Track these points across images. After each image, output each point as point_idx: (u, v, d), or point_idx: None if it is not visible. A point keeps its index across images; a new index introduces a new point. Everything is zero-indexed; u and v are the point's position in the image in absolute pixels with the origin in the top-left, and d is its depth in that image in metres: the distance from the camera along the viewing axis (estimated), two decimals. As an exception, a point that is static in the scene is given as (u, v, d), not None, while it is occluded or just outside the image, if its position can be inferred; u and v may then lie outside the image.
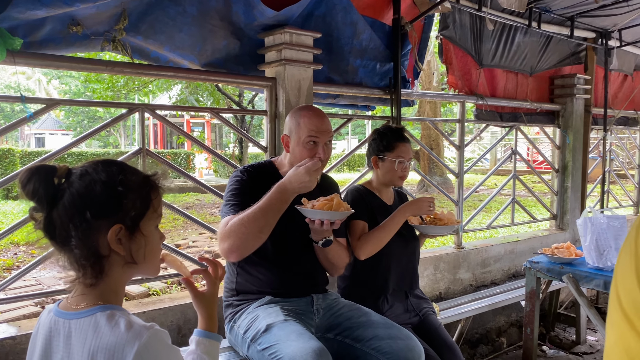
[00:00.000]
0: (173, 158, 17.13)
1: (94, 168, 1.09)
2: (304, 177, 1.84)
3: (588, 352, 3.77)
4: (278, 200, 1.87)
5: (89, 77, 11.33)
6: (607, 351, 0.94)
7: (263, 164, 2.23)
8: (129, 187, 1.09)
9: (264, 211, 1.85)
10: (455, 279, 3.79)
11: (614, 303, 0.87)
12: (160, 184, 1.18)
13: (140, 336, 1.00)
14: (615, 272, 0.95)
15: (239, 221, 1.87)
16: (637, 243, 0.88)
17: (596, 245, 2.75)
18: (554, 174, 4.79)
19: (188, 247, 6.55)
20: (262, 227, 1.86)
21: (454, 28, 3.62)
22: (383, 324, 2.08)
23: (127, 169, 1.13)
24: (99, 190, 1.06)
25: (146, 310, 2.38)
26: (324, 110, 2.25)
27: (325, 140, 2.09)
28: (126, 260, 1.10)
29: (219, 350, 2.21)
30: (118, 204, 1.07)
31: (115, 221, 1.07)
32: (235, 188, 2.05)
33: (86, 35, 2.25)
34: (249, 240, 1.87)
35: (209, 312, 1.31)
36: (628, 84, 5.46)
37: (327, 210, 1.89)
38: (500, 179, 14.46)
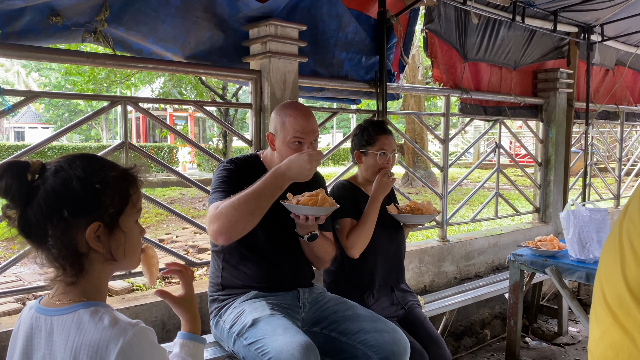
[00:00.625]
0: (156, 152, 16.98)
1: (69, 163, 1.05)
2: (306, 165, 1.82)
3: (570, 343, 3.82)
4: (273, 185, 1.84)
5: (69, 69, 11.14)
6: (592, 346, 0.93)
7: (249, 157, 2.21)
8: (107, 183, 1.06)
9: (257, 194, 1.82)
10: (439, 272, 3.81)
11: (599, 298, 0.90)
12: (139, 177, 1.14)
13: (125, 333, 0.98)
14: (599, 267, 0.94)
15: (230, 204, 1.84)
16: (620, 239, 0.87)
17: (579, 238, 2.79)
18: (537, 167, 4.84)
19: (172, 242, 6.49)
20: (254, 210, 1.82)
21: (439, 21, 3.62)
22: (369, 317, 2.09)
23: (105, 164, 1.09)
24: (75, 186, 1.02)
25: (130, 306, 2.35)
26: (308, 103, 2.23)
27: (311, 140, 2.08)
28: (106, 258, 1.08)
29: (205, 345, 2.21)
30: (96, 201, 1.04)
31: (93, 219, 1.03)
32: (224, 176, 2.04)
33: (66, 26, 2.20)
34: (239, 222, 1.83)
35: (191, 314, 1.29)
36: (609, 79, 5.53)
37: (312, 205, 1.87)
38: (482, 172, 14.61)
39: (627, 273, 0.83)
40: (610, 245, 0.91)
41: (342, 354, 2.08)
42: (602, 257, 0.94)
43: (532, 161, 4.90)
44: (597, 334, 0.92)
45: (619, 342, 0.86)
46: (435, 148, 20.92)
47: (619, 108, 5.73)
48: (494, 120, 4.39)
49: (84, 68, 10.69)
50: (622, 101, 5.82)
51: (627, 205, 0.89)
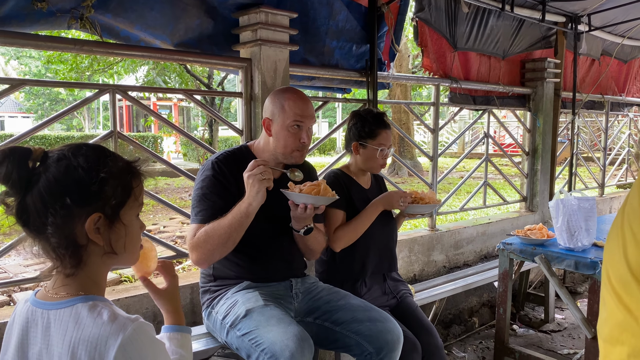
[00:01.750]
0: (140, 141, 16.73)
1: (72, 152, 1.02)
2: (252, 190, 1.80)
3: (556, 330, 3.88)
4: (243, 216, 1.85)
5: (50, 57, 10.91)
6: (600, 326, 0.99)
7: (237, 150, 2.15)
8: (112, 173, 1.03)
9: (228, 228, 1.86)
10: (429, 260, 3.83)
11: (605, 281, 0.96)
12: (142, 171, 1.12)
13: (125, 328, 0.96)
14: (604, 253, 1.00)
15: (204, 236, 1.88)
16: (622, 224, 0.93)
17: (567, 227, 2.81)
18: (524, 156, 4.87)
19: (159, 233, 6.44)
20: (226, 242, 1.88)
21: (429, 10, 3.60)
22: (362, 307, 2.09)
23: (109, 154, 1.07)
24: (78, 176, 1.00)
25: (120, 297, 2.33)
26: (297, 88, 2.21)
27: (310, 124, 2.07)
28: (105, 251, 1.05)
29: (198, 337, 2.20)
30: (98, 192, 1.01)
31: (94, 209, 1.01)
32: (203, 194, 1.98)
33: (51, 12, 2.14)
34: (214, 254, 1.91)
35: (173, 307, 1.28)
36: (595, 69, 5.57)
37: (314, 195, 1.87)
38: (468, 162, 14.69)
39: (628, 256, 0.89)
40: (613, 231, 0.98)
41: (336, 344, 2.08)
42: (607, 243, 1.00)
43: (517, 150, 4.93)
44: (604, 315, 0.98)
45: (623, 321, 0.93)
46: (421, 138, 21.00)
47: (605, 98, 5.79)
48: (482, 110, 4.40)
49: (66, 56, 10.49)
50: (607, 91, 5.87)
51: (630, 192, 0.95)
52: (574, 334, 3.81)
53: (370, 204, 2.40)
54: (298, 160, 2.10)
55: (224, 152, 2.11)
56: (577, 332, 3.82)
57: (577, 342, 3.68)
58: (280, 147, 2.05)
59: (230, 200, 1.95)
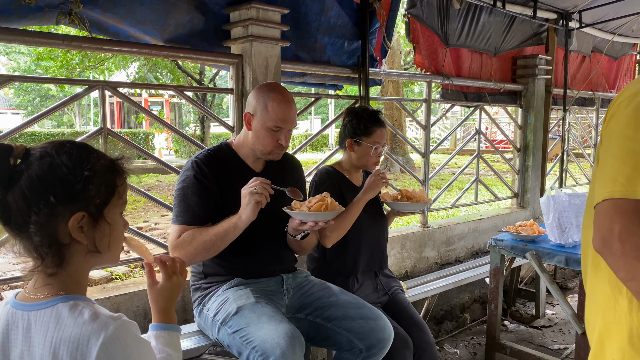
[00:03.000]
0: (131, 138, 16.69)
1: (55, 149, 1.01)
2: (245, 200, 1.83)
3: (547, 326, 3.91)
4: (231, 227, 1.87)
5: (40, 54, 10.79)
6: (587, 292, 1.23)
7: (218, 148, 2.15)
8: (96, 171, 1.02)
9: (214, 236, 1.89)
10: (421, 257, 3.84)
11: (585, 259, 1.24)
12: (125, 168, 1.11)
13: (107, 327, 0.94)
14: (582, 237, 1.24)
15: (189, 239, 1.90)
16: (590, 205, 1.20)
17: (558, 223, 2.82)
18: (516, 153, 4.89)
19: (150, 230, 6.41)
20: (209, 249, 1.90)
21: (421, 6, 3.60)
22: (354, 303, 2.09)
23: (93, 152, 1.06)
24: (62, 174, 0.98)
25: (111, 295, 2.31)
26: (288, 88, 2.20)
27: (290, 128, 2.07)
28: (89, 250, 1.04)
29: (189, 334, 2.19)
30: (82, 190, 1.00)
31: (78, 208, 1.00)
32: (183, 194, 1.99)
33: (39, 7, 2.11)
34: (196, 258, 1.93)
35: (160, 306, 1.24)
36: (586, 65, 5.60)
37: (324, 210, 1.89)
38: (460, 158, 14.74)
39: None
40: (586, 212, 1.22)
41: (327, 340, 2.08)
42: (582, 226, 1.24)
43: (508, 147, 4.95)
44: (588, 288, 1.23)
45: (598, 286, 1.17)
46: (412, 134, 21.02)
47: (595, 94, 5.82)
48: (474, 107, 4.41)
49: (57, 53, 10.38)
50: (597, 88, 5.90)
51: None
52: (565, 329, 3.84)
53: (358, 196, 2.38)
54: (276, 158, 2.12)
55: (205, 150, 2.11)
56: (567, 327, 3.84)
57: (568, 337, 3.70)
58: (259, 144, 2.06)
59: (210, 200, 1.97)
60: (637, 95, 1.04)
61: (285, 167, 2.24)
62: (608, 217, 1.03)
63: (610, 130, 1.09)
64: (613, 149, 1.06)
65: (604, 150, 1.10)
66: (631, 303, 1.06)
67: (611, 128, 1.09)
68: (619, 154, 1.04)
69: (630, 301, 1.06)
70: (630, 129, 1.03)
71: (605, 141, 1.11)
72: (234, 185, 1.95)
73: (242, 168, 2.11)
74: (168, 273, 1.25)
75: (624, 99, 1.07)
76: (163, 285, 1.24)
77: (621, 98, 1.09)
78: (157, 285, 1.24)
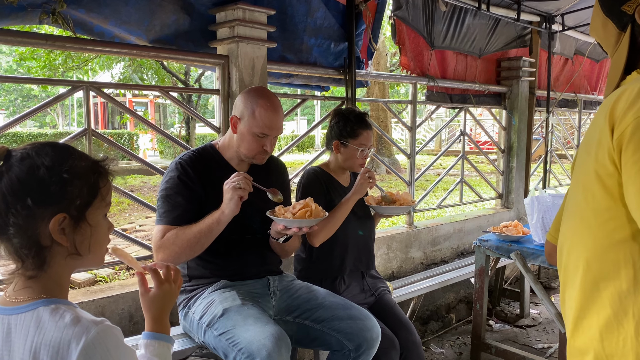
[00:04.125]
0: (116, 139, 16.50)
1: (37, 151, 1.00)
2: (227, 194, 1.82)
3: (531, 325, 3.95)
4: (214, 222, 1.86)
5: (23, 54, 10.63)
6: None
7: (202, 149, 2.14)
8: (76, 173, 1.01)
9: (198, 233, 1.87)
10: (407, 257, 3.86)
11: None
12: (110, 170, 1.10)
13: (88, 331, 0.93)
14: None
15: (173, 238, 1.88)
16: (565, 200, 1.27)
17: (542, 223, 2.86)
18: (500, 154, 4.94)
19: (135, 232, 6.35)
20: (194, 246, 1.88)
21: (406, 9, 3.62)
22: (342, 304, 2.09)
23: (75, 154, 1.04)
24: (42, 175, 0.97)
25: (95, 298, 2.28)
26: (274, 89, 2.20)
27: (276, 135, 2.08)
28: (69, 252, 1.02)
29: (174, 337, 2.17)
30: (62, 192, 0.99)
31: (59, 210, 0.98)
32: (167, 195, 1.98)
33: (22, 6, 2.08)
34: (181, 257, 1.91)
35: (152, 314, 1.20)
36: (568, 68, 5.67)
37: (308, 217, 1.90)
38: (445, 159, 14.82)
39: None
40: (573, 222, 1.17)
41: (316, 342, 2.08)
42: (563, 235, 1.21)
43: (493, 148, 4.99)
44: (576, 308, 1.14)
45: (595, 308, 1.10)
46: (398, 135, 21.11)
47: (578, 96, 5.90)
48: (459, 108, 4.44)
49: (40, 53, 10.24)
50: (580, 90, 5.99)
51: None
52: (548, 328, 3.88)
53: (346, 197, 2.39)
54: (260, 162, 2.12)
55: (189, 152, 2.11)
56: (551, 326, 3.89)
57: (552, 336, 3.75)
58: (243, 148, 2.06)
59: (194, 201, 1.96)
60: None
61: (270, 169, 2.24)
62: None
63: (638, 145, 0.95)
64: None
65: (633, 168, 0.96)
66: (638, 326, 1.00)
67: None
68: None
69: (638, 324, 1.00)
70: None
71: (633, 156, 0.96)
72: (217, 187, 1.94)
73: (226, 170, 2.10)
74: (160, 280, 1.22)
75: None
76: (155, 293, 1.21)
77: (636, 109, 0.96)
78: (149, 294, 1.22)
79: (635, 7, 1.08)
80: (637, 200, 0.96)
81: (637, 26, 1.10)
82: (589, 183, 1.07)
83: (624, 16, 1.11)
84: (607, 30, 1.16)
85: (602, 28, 1.17)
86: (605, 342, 1.05)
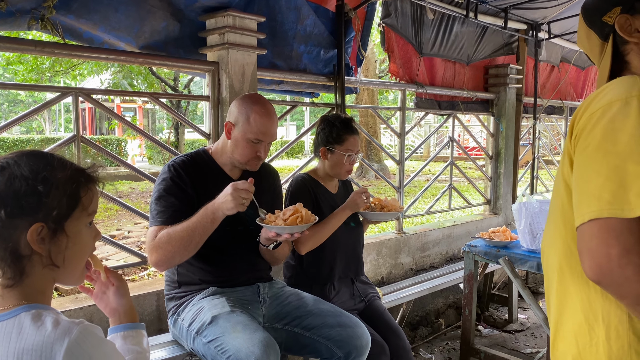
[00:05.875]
0: (104, 145, 16.41)
1: (16, 161, 0.99)
2: (230, 204, 1.80)
3: (519, 330, 3.97)
4: (209, 221, 1.85)
5: (9, 58, 10.55)
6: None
7: (195, 154, 2.14)
8: (53, 184, 0.99)
9: (192, 230, 1.85)
10: (396, 263, 3.87)
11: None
12: (96, 177, 1.08)
13: (70, 332, 0.93)
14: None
15: (166, 237, 1.86)
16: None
17: (530, 229, 2.89)
18: (488, 160, 4.98)
19: (124, 238, 6.31)
20: (188, 245, 1.86)
21: (395, 16, 3.65)
22: (332, 312, 2.10)
23: (54, 163, 1.03)
24: (18, 186, 0.96)
25: (84, 305, 2.27)
26: (265, 95, 2.21)
27: (270, 141, 2.08)
28: (44, 264, 1.01)
29: (164, 344, 2.16)
30: (38, 203, 0.98)
31: (36, 220, 0.98)
32: (160, 196, 1.97)
33: (11, 12, 2.07)
34: (175, 257, 1.88)
35: (124, 307, 1.26)
36: (555, 75, 5.75)
37: (299, 223, 1.89)
38: (434, 165, 14.91)
39: None
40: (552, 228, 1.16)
41: (306, 349, 2.08)
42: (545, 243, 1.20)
43: (481, 153, 5.04)
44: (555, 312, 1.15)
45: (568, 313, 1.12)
46: (388, 141, 21.18)
47: (564, 103, 5.98)
48: (447, 115, 4.48)
49: (26, 57, 10.16)
50: (566, 96, 6.07)
51: None
52: (537, 333, 3.91)
53: (337, 210, 2.41)
54: (253, 168, 2.12)
55: (182, 156, 2.11)
56: (539, 331, 3.92)
57: (540, 341, 3.77)
58: (237, 154, 2.07)
59: (187, 202, 1.96)
60: (612, 106, 0.96)
61: (262, 175, 2.24)
62: (602, 241, 0.92)
63: (585, 143, 0.98)
64: (592, 164, 0.96)
65: (579, 165, 1.00)
66: (609, 330, 1.00)
67: (586, 141, 0.98)
68: (601, 170, 0.94)
69: (608, 328, 1.00)
70: (609, 143, 0.94)
71: (580, 155, 1.00)
72: (210, 191, 1.94)
73: (219, 175, 2.11)
74: (117, 275, 1.28)
75: (596, 110, 0.98)
76: (119, 285, 1.27)
77: (592, 109, 0.99)
78: (111, 289, 1.26)
79: (615, 18, 1.12)
80: (577, 185, 0.99)
81: (618, 36, 1.13)
82: (558, 188, 1.11)
83: (605, 27, 1.14)
84: (591, 41, 1.20)
85: (587, 39, 1.21)
86: (580, 347, 1.06)
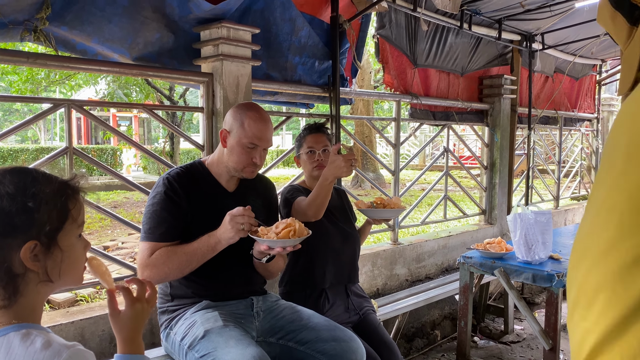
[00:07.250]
0: (99, 154, 16.32)
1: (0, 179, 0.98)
2: (230, 234, 1.81)
3: (515, 341, 3.95)
4: (209, 250, 1.86)
5: (4, 69, 10.54)
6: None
7: (191, 165, 2.13)
8: (42, 199, 0.98)
9: (191, 256, 1.87)
10: (392, 274, 3.85)
11: None
12: (80, 187, 1.07)
13: (59, 355, 0.90)
14: None
15: (163, 258, 1.86)
16: None
17: (525, 240, 2.88)
18: (483, 170, 4.99)
19: (117, 249, 6.26)
20: (184, 269, 1.88)
21: (390, 27, 3.66)
22: (326, 326, 2.07)
23: (38, 178, 1.02)
24: (6, 205, 0.95)
25: (75, 319, 2.24)
26: (260, 105, 2.20)
27: (265, 147, 2.07)
28: (41, 279, 1.00)
29: (156, 359, 2.13)
30: (29, 221, 0.96)
31: (29, 237, 0.96)
32: (153, 210, 1.96)
33: (3, 23, 2.07)
34: (169, 277, 1.91)
35: (124, 335, 1.15)
36: (549, 85, 5.78)
37: (292, 236, 1.87)
38: (429, 174, 14.92)
39: None
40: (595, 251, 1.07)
41: (299, 363, 2.06)
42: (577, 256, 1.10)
43: (476, 163, 5.05)
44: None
45: None
46: (383, 150, 21.22)
47: (558, 113, 6.00)
48: (442, 125, 4.49)
49: (21, 67, 10.15)
50: (560, 107, 6.10)
51: None
52: (532, 344, 3.89)
53: (320, 179, 2.19)
54: (249, 176, 2.11)
55: (177, 168, 2.09)
56: (535, 342, 3.90)
57: (536, 352, 3.75)
58: (232, 161, 2.05)
59: (180, 217, 1.95)
60: None
61: (258, 187, 2.23)
62: None
63: None
64: None
65: None
66: None
67: None
68: None
69: None
70: None
71: None
72: (205, 204, 1.93)
73: (214, 187, 2.09)
74: (131, 299, 1.17)
75: None
76: (126, 314, 1.16)
77: None
78: (119, 314, 1.16)
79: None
80: None
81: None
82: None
83: (635, 10, 1.00)
84: (616, 23, 1.05)
85: (611, 20, 1.06)
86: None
